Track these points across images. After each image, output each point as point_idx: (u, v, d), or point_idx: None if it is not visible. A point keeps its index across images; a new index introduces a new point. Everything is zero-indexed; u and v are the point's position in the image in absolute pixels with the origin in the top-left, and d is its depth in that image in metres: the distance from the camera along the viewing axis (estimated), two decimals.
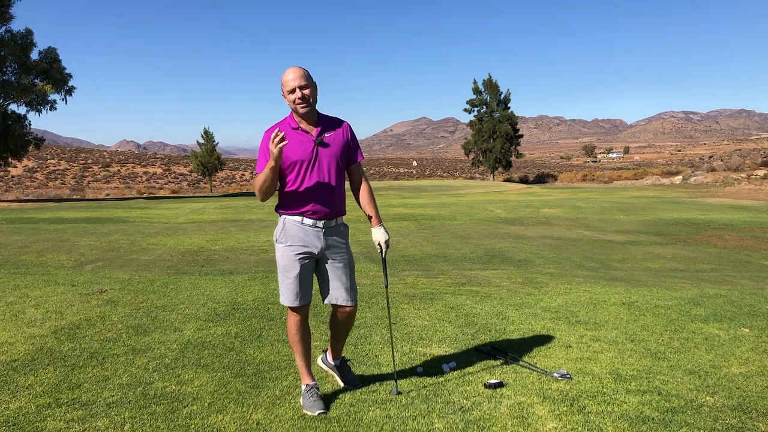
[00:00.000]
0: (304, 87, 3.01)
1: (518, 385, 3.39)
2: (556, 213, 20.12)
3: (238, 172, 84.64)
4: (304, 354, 3.23)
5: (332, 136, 3.13)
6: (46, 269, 7.83)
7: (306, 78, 3.02)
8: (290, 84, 3.00)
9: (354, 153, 3.23)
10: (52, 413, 3.02)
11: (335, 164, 3.11)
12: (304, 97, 3.01)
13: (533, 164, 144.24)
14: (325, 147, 3.09)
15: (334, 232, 3.18)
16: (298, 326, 3.19)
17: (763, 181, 34.52)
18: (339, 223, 3.22)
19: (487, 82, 65.01)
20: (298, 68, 3.03)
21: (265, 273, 7.47)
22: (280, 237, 3.16)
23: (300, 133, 3.08)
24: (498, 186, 47.22)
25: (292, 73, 3.01)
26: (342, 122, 3.22)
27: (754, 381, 3.48)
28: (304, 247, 3.11)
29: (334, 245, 3.17)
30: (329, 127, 3.15)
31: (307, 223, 3.11)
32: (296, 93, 3.00)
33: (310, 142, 3.07)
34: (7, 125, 31.49)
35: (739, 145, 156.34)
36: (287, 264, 3.12)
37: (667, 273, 8.32)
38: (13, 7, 31.39)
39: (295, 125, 3.09)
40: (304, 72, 3.04)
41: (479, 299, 5.78)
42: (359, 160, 3.26)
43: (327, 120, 3.17)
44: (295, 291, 3.10)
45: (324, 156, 3.08)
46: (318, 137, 3.08)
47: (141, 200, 35.23)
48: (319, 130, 3.10)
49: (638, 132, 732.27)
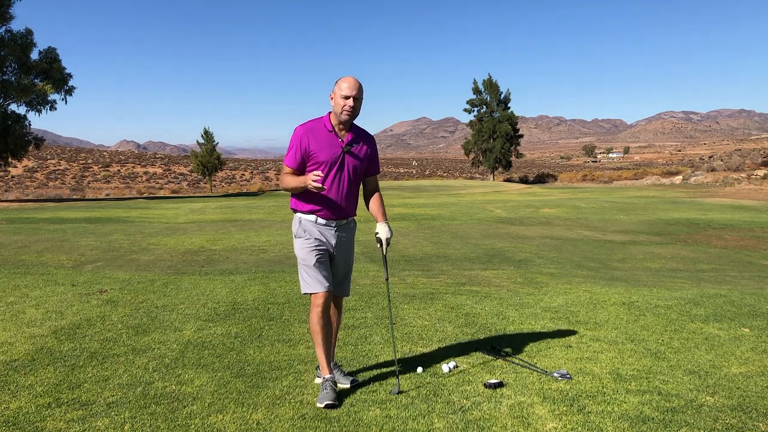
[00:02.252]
0: (357, 99, 3.24)
1: (518, 385, 3.39)
2: (556, 213, 20.12)
3: (238, 172, 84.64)
4: (325, 346, 3.34)
5: (360, 148, 3.36)
6: (46, 269, 7.83)
7: (360, 91, 3.27)
8: (346, 91, 3.22)
9: (373, 166, 3.47)
10: (52, 413, 3.02)
11: (355, 173, 3.34)
12: (354, 108, 3.24)
13: (533, 164, 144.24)
14: (351, 156, 3.31)
15: (344, 230, 3.41)
16: (320, 315, 3.29)
17: (763, 181, 34.51)
18: (350, 221, 3.46)
19: (487, 82, 65.01)
20: (357, 80, 3.28)
21: (265, 273, 7.47)
22: (298, 231, 3.36)
23: (333, 136, 3.29)
24: (498, 186, 47.23)
25: (351, 81, 3.25)
26: (370, 136, 3.45)
27: (754, 381, 3.48)
28: (319, 241, 3.32)
29: (343, 243, 3.41)
30: (360, 138, 3.37)
31: (320, 222, 3.32)
32: (349, 101, 3.22)
33: (339, 148, 3.28)
34: (7, 125, 31.49)
35: (739, 145, 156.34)
36: (306, 255, 3.30)
37: (667, 273, 8.32)
38: (13, 7, 31.40)
39: (330, 128, 3.30)
40: (360, 85, 3.28)
41: (479, 299, 5.78)
42: (376, 172, 3.51)
43: (358, 131, 3.39)
44: (316, 277, 3.27)
45: (348, 163, 3.30)
46: (347, 146, 3.30)
47: (141, 200, 35.23)
48: (350, 139, 3.32)
49: (638, 132, 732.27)
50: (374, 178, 3.51)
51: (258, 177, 75.89)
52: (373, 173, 3.48)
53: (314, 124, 3.31)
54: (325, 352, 3.33)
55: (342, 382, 3.40)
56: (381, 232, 3.36)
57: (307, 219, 3.32)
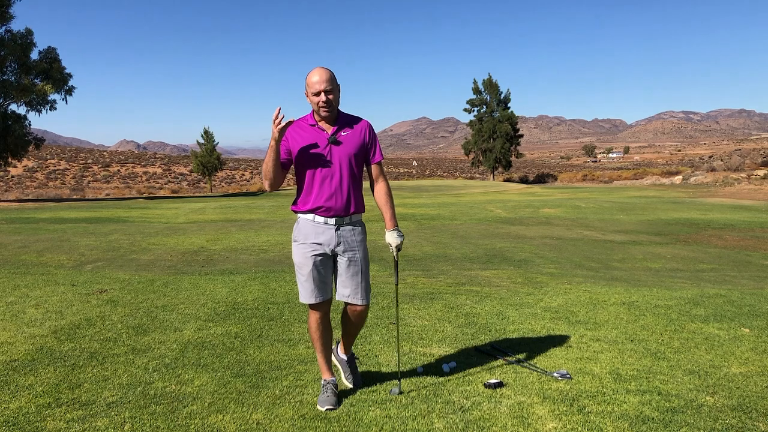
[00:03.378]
0: (329, 92, 3.02)
1: (518, 385, 3.39)
2: (556, 213, 20.12)
3: (238, 171, 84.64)
4: (323, 350, 3.29)
5: (348, 135, 3.12)
6: (46, 269, 7.83)
7: (331, 82, 3.02)
8: (316, 87, 3.01)
9: (371, 153, 3.21)
10: (52, 413, 3.02)
11: (348, 163, 3.10)
12: (328, 102, 3.03)
13: (533, 164, 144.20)
14: (338, 145, 3.09)
15: (347, 230, 3.17)
16: (318, 323, 3.23)
17: (763, 181, 34.52)
18: (354, 220, 3.21)
19: (487, 81, 65.02)
20: (324, 70, 3.03)
21: (265, 273, 7.47)
22: (296, 235, 3.19)
23: (316, 130, 3.11)
24: (498, 186, 47.23)
25: (318, 75, 3.01)
26: (360, 121, 3.20)
27: (754, 381, 3.48)
28: (316, 244, 3.13)
29: (346, 243, 3.16)
30: (346, 125, 3.15)
31: (318, 221, 3.13)
32: (321, 96, 3.02)
33: (324, 140, 3.09)
34: (7, 125, 31.47)
35: (739, 145, 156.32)
36: (300, 262, 3.15)
37: (667, 273, 8.32)
38: (13, 7, 31.40)
39: (313, 122, 3.13)
40: (330, 75, 3.03)
41: (479, 299, 5.78)
42: (377, 160, 3.23)
43: (346, 119, 3.17)
44: (309, 288, 3.13)
45: (337, 154, 3.08)
46: (332, 136, 3.09)
47: (141, 200, 35.23)
48: (335, 128, 3.11)
49: (638, 132, 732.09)
50: (376, 167, 3.23)
51: (258, 177, 75.79)
52: (374, 162, 3.22)
53: (298, 121, 3.13)
54: (324, 356, 3.29)
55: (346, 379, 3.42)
56: (388, 239, 3.19)
57: (305, 219, 3.15)
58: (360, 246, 3.21)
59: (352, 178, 3.13)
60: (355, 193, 3.17)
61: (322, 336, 3.25)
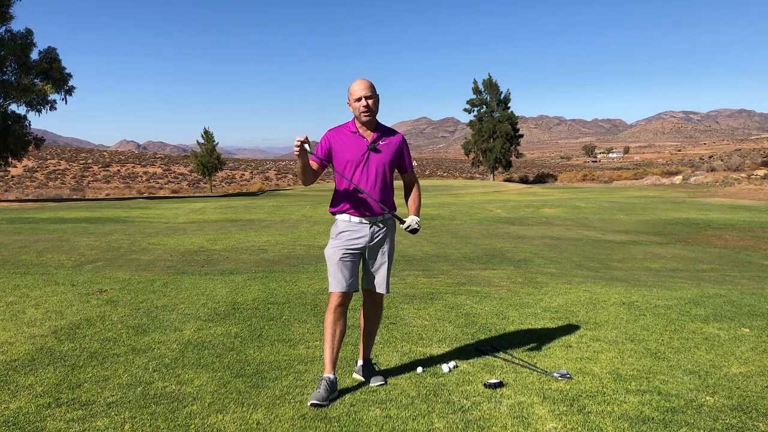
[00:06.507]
0: (370, 97, 3.31)
1: (518, 385, 3.39)
2: (556, 213, 20.13)
3: (238, 171, 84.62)
4: (331, 345, 3.36)
5: (385, 145, 3.43)
6: (46, 269, 7.83)
7: (372, 89, 3.33)
8: (358, 93, 3.30)
9: (405, 163, 3.53)
10: (52, 413, 3.01)
11: (383, 169, 3.39)
12: (369, 107, 3.31)
13: (533, 164, 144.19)
14: (377, 152, 3.38)
15: (380, 227, 3.45)
16: (337, 315, 3.36)
17: (763, 181, 34.52)
18: (386, 218, 3.48)
19: (487, 81, 65.03)
20: (365, 80, 3.36)
21: (265, 273, 7.47)
22: (333, 234, 3.45)
23: (357, 137, 3.38)
24: (498, 186, 47.24)
25: (360, 83, 3.33)
26: (396, 134, 3.51)
27: (754, 381, 3.48)
28: (351, 241, 3.38)
29: (378, 237, 3.44)
30: (385, 135, 3.44)
31: (354, 221, 3.40)
32: (362, 102, 3.30)
33: (364, 146, 3.37)
34: (7, 125, 31.48)
35: (739, 145, 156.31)
36: (332, 254, 3.38)
37: (667, 273, 8.32)
38: (13, 7, 31.41)
39: (354, 129, 3.40)
40: (370, 84, 3.35)
41: (479, 299, 5.78)
42: (410, 170, 3.58)
43: (384, 129, 3.47)
44: (339, 277, 3.33)
45: (374, 160, 3.37)
46: (372, 143, 3.38)
47: (141, 200, 35.23)
48: (375, 137, 3.40)
49: (638, 132, 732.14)
50: (410, 176, 3.59)
51: (258, 177, 75.83)
52: (405, 171, 3.56)
53: (339, 127, 3.44)
54: (330, 349, 3.36)
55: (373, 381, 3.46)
56: (409, 220, 3.43)
57: (342, 219, 3.42)
58: (389, 241, 3.51)
59: (385, 183, 3.42)
60: (389, 196, 3.47)
61: (333, 326, 3.36)
